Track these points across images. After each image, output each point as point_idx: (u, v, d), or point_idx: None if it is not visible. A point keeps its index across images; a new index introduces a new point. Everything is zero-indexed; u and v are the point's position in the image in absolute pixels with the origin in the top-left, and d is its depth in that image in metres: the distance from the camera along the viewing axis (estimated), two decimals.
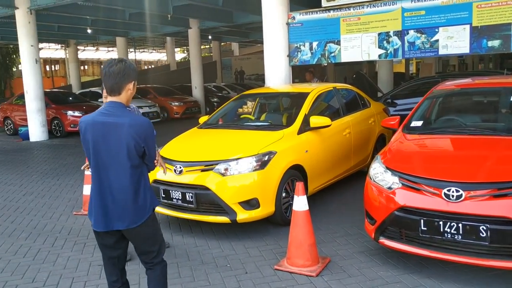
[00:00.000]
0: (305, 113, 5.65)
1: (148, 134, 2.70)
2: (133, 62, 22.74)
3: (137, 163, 2.69)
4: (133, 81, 2.75)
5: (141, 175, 2.74)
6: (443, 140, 4.40)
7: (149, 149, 2.72)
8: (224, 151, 5.03)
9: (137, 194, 2.69)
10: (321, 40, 9.00)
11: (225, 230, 5.08)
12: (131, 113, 2.75)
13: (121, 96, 2.73)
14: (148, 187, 2.79)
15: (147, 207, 2.75)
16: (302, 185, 3.99)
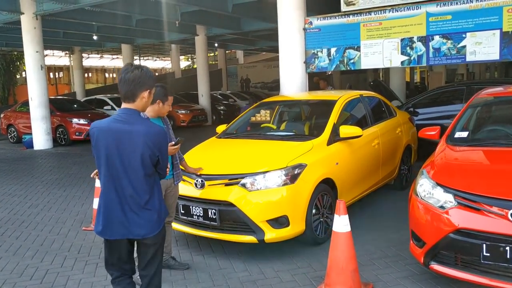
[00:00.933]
0: (334, 122, 5.24)
1: (162, 143, 2.70)
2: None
3: (151, 172, 2.68)
4: (148, 90, 2.70)
5: (154, 183, 2.74)
6: (498, 153, 3.98)
7: (162, 158, 2.71)
8: (250, 163, 4.61)
9: (151, 203, 2.69)
10: (340, 46, 8.61)
11: (249, 250, 4.65)
12: (146, 121, 2.72)
13: (135, 104, 2.69)
14: (161, 198, 2.79)
15: (162, 216, 2.75)
16: (344, 203, 3.57)
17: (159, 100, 3.89)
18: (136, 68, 2.66)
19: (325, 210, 4.78)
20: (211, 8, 14.43)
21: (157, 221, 2.72)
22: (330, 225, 4.84)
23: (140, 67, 2.69)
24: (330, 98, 5.85)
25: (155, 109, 3.93)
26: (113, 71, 46.82)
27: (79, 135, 13.92)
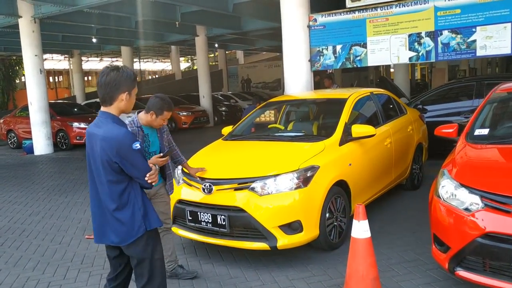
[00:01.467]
0: (345, 122, 5.03)
1: (121, 149, 2.52)
2: (137, 71, 22.24)
3: (114, 179, 2.57)
4: (126, 91, 2.61)
5: (126, 192, 2.61)
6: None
7: (125, 165, 2.55)
8: (259, 166, 4.40)
9: (118, 213, 2.60)
10: (346, 43, 8.40)
11: (261, 257, 4.44)
12: (109, 124, 2.57)
13: (113, 106, 2.61)
14: (138, 206, 2.64)
15: (134, 228, 2.62)
16: (363, 208, 3.36)
17: (153, 112, 3.73)
18: (113, 70, 2.59)
19: (339, 214, 4.56)
20: (211, 7, 14.23)
21: (127, 232, 2.63)
22: (344, 229, 4.64)
23: (117, 69, 2.61)
24: (340, 96, 5.63)
25: (147, 119, 3.77)
26: None
27: (80, 139, 13.70)
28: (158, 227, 2.75)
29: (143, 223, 2.64)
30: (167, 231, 4.06)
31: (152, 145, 3.87)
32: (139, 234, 2.63)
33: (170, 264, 4.11)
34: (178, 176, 4.79)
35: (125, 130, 2.58)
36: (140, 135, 3.76)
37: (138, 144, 2.55)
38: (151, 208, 2.73)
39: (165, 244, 4.03)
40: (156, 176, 2.66)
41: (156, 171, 2.69)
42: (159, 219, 2.80)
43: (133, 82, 2.66)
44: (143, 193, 2.72)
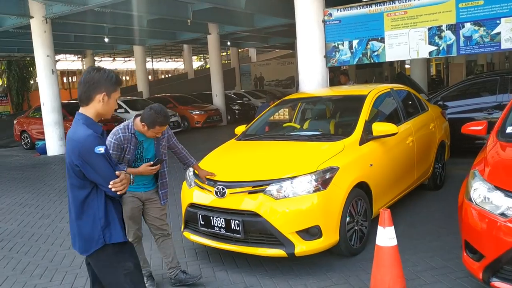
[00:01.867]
0: (366, 120, 4.76)
1: (84, 151, 2.37)
2: (150, 71, 22.07)
3: (78, 184, 2.43)
4: (104, 92, 2.48)
5: (88, 199, 2.44)
6: None
7: (87, 170, 2.38)
8: (275, 168, 4.16)
9: (80, 219, 2.45)
10: (363, 38, 8.11)
11: (277, 264, 4.20)
12: (78, 126, 2.43)
13: (90, 107, 2.48)
14: (99, 216, 2.44)
15: (93, 239, 2.44)
16: (389, 213, 3.10)
17: (144, 124, 3.53)
18: (95, 70, 2.50)
19: (360, 217, 4.30)
20: (224, 4, 14.00)
21: (86, 243, 2.47)
22: (366, 233, 4.38)
23: (100, 70, 2.51)
24: (359, 93, 5.36)
25: (140, 128, 3.58)
26: (126, 74, 46.82)
27: None
28: (120, 241, 2.50)
29: (101, 236, 2.45)
30: (165, 237, 3.92)
31: (147, 152, 3.70)
32: (98, 247, 2.46)
33: (172, 270, 3.94)
34: (190, 179, 4.58)
35: (91, 132, 2.39)
36: (133, 142, 3.59)
37: (101, 148, 2.37)
38: (116, 221, 2.50)
39: (165, 250, 3.91)
40: (122, 185, 2.42)
41: (125, 179, 2.45)
42: (124, 233, 2.55)
43: (114, 85, 2.52)
44: (110, 202, 2.50)
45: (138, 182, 3.72)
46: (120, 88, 2.59)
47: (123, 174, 2.47)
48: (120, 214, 2.58)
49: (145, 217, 3.88)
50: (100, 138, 2.43)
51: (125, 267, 2.53)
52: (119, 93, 2.60)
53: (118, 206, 2.58)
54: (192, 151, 4.54)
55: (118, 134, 3.54)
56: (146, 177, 3.74)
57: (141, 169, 3.59)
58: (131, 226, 3.81)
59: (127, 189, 2.50)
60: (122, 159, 3.59)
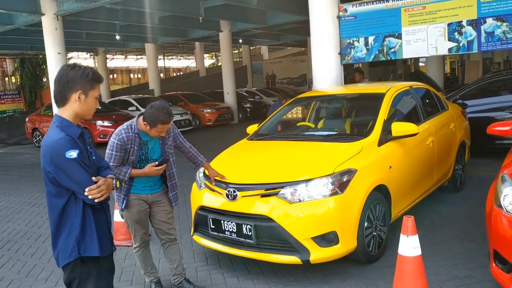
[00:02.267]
0: (384, 119, 4.53)
1: (55, 156, 2.20)
2: (162, 69, 21.79)
3: (54, 192, 2.26)
4: (80, 90, 2.29)
5: (66, 208, 2.28)
6: None
7: (60, 176, 2.21)
8: (289, 170, 3.96)
9: (58, 229, 2.30)
10: (379, 34, 7.84)
11: (291, 271, 4.00)
12: (52, 129, 2.28)
13: (65, 108, 2.31)
14: (75, 226, 2.28)
15: (67, 250, 2.29)
16: (413, 220, 2.88)
17: (146, 123, 3.33)
18: (70, 67, 2.31)
19: (378, 222, 4.08)
20: (236, 1, 13.82)
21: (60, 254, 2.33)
22: (384, 239, 4.16)
23: (75, 66, 2.32)
24: (377, 91, 5.13)
25: (142, 127, 3.39)
26: (138, 72, 46.91)
27: (103, 138, 13.52)
28: (95, 255, 2.31)
29: (76, 247, 2.28)
30: (172, 242, 3.75)
31: (152, 153, 3.52)
32: (71, 259, 2.29)
33: (176, 277, 3.77)
34: (200, 180, 4.40)
35: (62, 135, 2.21)
36: (137, 142, 3.41)
37: (73, 153, 2.18)
38: (93, 232, 2.31)
39: (170, 255, 3.74)
40: (100, 192, 2.22)
41: (103, 185, 2.24)
42: (99, 247, 2.32)
43: (91, 83, 2.32)
44: (90, 211, 2.30)
45: (144, 183, 3.56)
46: (99, 85, 2.40)
47: (101, 179, 2.28)
48: (102, 225, 2.38)
49: (151, 220, 3.71)
50: (72, 142, 2.22)
51: (96, 285, 2.35)
52: (99, 90, 2.41)
53: (101, 215, 2.37)
54: (204, 150, 4.36)
55: (121, 135, 3.37)
56: (152, 178, 3.57)
57: (146, 170, 3.42)
58: (138, 230, 3.64)
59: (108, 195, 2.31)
60: (126, 160, 3.42)
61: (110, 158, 3.36)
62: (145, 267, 3.78)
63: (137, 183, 3.52)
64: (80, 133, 2.32)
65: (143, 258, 3.76)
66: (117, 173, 3.37)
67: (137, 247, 3.71)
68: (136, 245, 3.71)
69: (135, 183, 3.51)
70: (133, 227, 3.62)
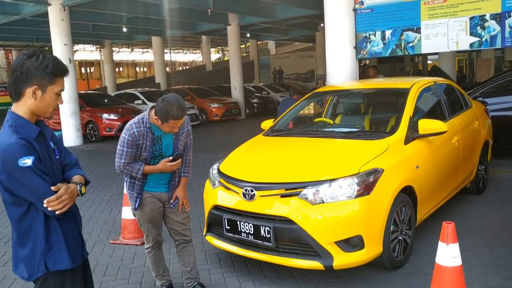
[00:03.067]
0: (410, 116, 4.26)
1: (6, 164, 1.91)
2: (168, 62, 21.49)
3: (11, 200, 2.00)
4: (35, 86, 1.97)
5: (26, 218, 2.02)
6: None
7: (14, 186, 1.94)
8: (311, 169, 3.70)
9: (19, 241, 2.05)
10: (397, 28, 7.56)
11: (311, 276, 3.75)
12: (3, 130, 1.98)
13: (19, 104, 2.01)
14: (39, 238, 2.02)
15: (34, 265, 2.04)
16: (453, 227, 2.62)
17: (157, 118, 3.06)
18: (26, 56, 1.98)
19: (404, 226, 3.83)
20: None
21: (26, 269, 2.07)
22: (409, 243, 3.91)
23: (33, 55, 1.98)
24: (401, 86, 4.86)
25: (154, 121, 3.13)
26: (144, 65, 46.71)
27: (109, 131, 13.33)
28: (66, 269, 2.08)
29: (42, 262, 2.04)
30: (186, 244, 3.49)
31: (167, 149, 3.25)
32: (39, 275, 2.06)
33: (189, 281, 3.52)
34: (214, 177, 4.16)
35: (14, 140, 1.92)
36: (149, 137, 3.15)
37: (28, 160, 1.90)
38: (60, 243, 2.07)
39: (184, 258, 3.48)
40: (61, 203, 1.97)
41: (65, 195, 1.98)
42: (70, 258, 2.09)
43: (50, 76, 1.99)
44: (55, 220, 2.05)
45: (158, 181, 3.32)
46: (63, 78, 2.06)
47: (62, 188, 2.00)
48: (71, 232, 2.12)
49: (165, 220, 3.47)
50: (26, 147, 1.92)
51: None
52: (61, 85, 2.05)
53: (69, 223, 2.11)
54: (211, 145, 4.14)
55: (132, 130, 3.12)
56: (167, 175, 3.33)
57: (160, 166, 3.18)
58: (150, 230, 3.40)
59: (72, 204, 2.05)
60: (139, 157, 3.17)
61: (121, 155, 3.15)
62: (157, 269, 3.55)
63: (151, 180, 3.28)
64: (38, 133, 2.03)
65: (155, 259, 3.52)
66: (129, 170, 3.16)
67: (149, 247, 3.49)
68: (148, 245, 3.48)
69: (149, 180, 3.27)
70: (146, 227, 3.39)
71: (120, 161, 3.16)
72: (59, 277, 2.09)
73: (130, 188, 3.29)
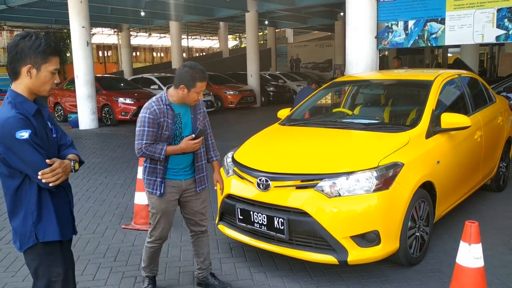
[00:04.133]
0: (433, 109, 4.12)
1: (3, 137, 2.01)
2: (185, 48, 21.39)
3: (6, 172, 2.10)
4: (29, 65, 2.07)
5: (20, 189, 2.12)
6: None
7: (10, 158, 2.04)
8: (329, 160, 3.60)
9: (13, 212, 2.16)
10: (420, 18, 7.35)
11: (324, 270, 3.67)
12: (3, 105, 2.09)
13: (17, 82, 2.11)
14: (31, 209, 2.12)
15: (26, 235, 2.14)
16: (477, 226, 2.50)
17: (183, 86, 2.97)
18: (20, 37, 2.09)
19: (422, 222, 3.72)
20: None
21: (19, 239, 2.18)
22: (426, 240, 3.80)
23: (27, 36, 2.08)
24: (424, 78, 4.70)
25: (178, 95, 3.03)
26: (161, 50, 46.70)
27: (125, 115, 13.34)
28: (53, 240, 2.18)
29: (33, 232, 2.14)
30: (203, 234, 3.37)
31: (185, 128, 3.12)
32: (29, 245, 2.16)
33: (201, 272, 3.44)
34: (228, 166, 4.08)
35: (12, 114, 2.03)
36: (170, 114, 3.03)
37: (25, 133, 2.00)
38: (52, 215, 2.17)
39: (199, 248, 3.38)
40: (55, 176, 2.05)
41: (59, 168, 2.07)
42: (60, 230, 2.18)
43: (43, 55, 2.09)
44: (47, 193, 2.14)
45: (178, 165, 3.13)
46: (57, 57, 2.14)
47: (57, 162, 2.09)
48: (62, 206, 2.23)
49: (183, 210, 3.30)
50: (24, 121, 2.03)
51: (56, 272, 2.21)
52: (55, 64, 2.14)
53: (60, 197, 2.21)
54: (226, 133, 4.05)
55: (152, 107, 3.00)
56: (185, 160, 3.14)
57: (182, 145, 3.02)
58: (161, 222, 3.19)
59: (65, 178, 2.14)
60: (160, 137, 3.02)
61: (142, 135, 2.98)
62: (149, 263, 3.36)
63: (171, 165, 3.11)
64: (35, 110, 2.13)
65: (152, 255, 3.33)
66: (151, 151, 2.98)
67: (152, 242, 3.26)
68: (152, 239, 3.25)
69: (169, 165, 3.11)
70: (158, 218, 3.19)
71: (141, 142, 2.99)
72: (49, 249, 2.18)
73: (150, 174, 3.12)
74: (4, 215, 5.42)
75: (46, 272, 2.20)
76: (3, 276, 3.82)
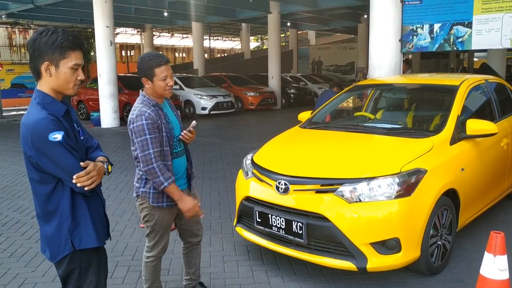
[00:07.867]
0: (458, 115, 4.02)
1: (36, 138, 1.90)
2: (207, 49, 21.47)
3: (38, 178, 1.99)
4: (47, 62, 1.93)
5: (53, 196, 1.99)
6: None
7: (43, 162, 1.93)
8: (349, 165, 3.55)
9: (47, 220, 2.03)
10: (446, 21, 7.21)
11: (342, 276, 3.61)
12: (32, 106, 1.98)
13: (41, 82, 1.98)
14: (65, 215, 2.00)
15: (60, 244, 2.02)
16: (502, 237, 2.42)
17: (145, 79, 2.81)
18: (38, 33, 1.95)
19: (444, 230, 3.62)
20: None
21: (52, 249, 2.05)
22: (448, 249, 3.70)
23: (43, 32, 1.94)
24: (449, 83, 4.60)
25: (148, 91, 2.87)
26: (183, 51, 47.04)
27: None
28: (92, 247, 2.08)
29: (69, 240, 2.02)
30: (197, 245, 3.24)
31: (175, 127, 2.96)
32: (65, 253, 2.04)
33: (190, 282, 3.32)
34: (247, 168, 4.06)
35: (43, 115, 1.91)
36: (161, 114, 2.86)
37: (58, 135, 1.89)
38: (88, 221, 2.06)
39: (191, 259, 3.25)
40: (90, 179, 1.95)
41: (94, 171, 1.97)
42: (96, 236, 2.08)
43: (60, 50, 1.93)
44: (81, 198, 2.04)
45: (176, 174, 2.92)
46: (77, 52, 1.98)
47: (91, 164, 1.99)
48: (97, 211, 2.12)
49: (178, 221, 3.11)
50: (56, 122, 1.92)
51: (88, 279, 2.10)
52: (76, 58, 1.98)
53: (94, 202, 2.11)
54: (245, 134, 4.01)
55: (145, 113, 2.76)
56: (179, 170, 2.97)
57: (188, 204, 2.84)
58: (163, 236, 3.02)
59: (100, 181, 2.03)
60: (162, 141, 2.83)
61: (147, 145, 2.74)
62: (154, 279, 3.13)
63: None
64: (65, 111, 2.02)
65: (155, 269, 3.11)
66: (161, 169, 2.76)
67: (153, 256, 3.05)
68: (153, 254, 3.05)
69: None
70: (159, 233, 2.99)
71: (149, 152, 2.73)
72: (85, 256, 2.08)
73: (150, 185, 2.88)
74: (26, 210, 5.51)
75: (79, 279, 2.09)
76: (23, 271, 3.88)
